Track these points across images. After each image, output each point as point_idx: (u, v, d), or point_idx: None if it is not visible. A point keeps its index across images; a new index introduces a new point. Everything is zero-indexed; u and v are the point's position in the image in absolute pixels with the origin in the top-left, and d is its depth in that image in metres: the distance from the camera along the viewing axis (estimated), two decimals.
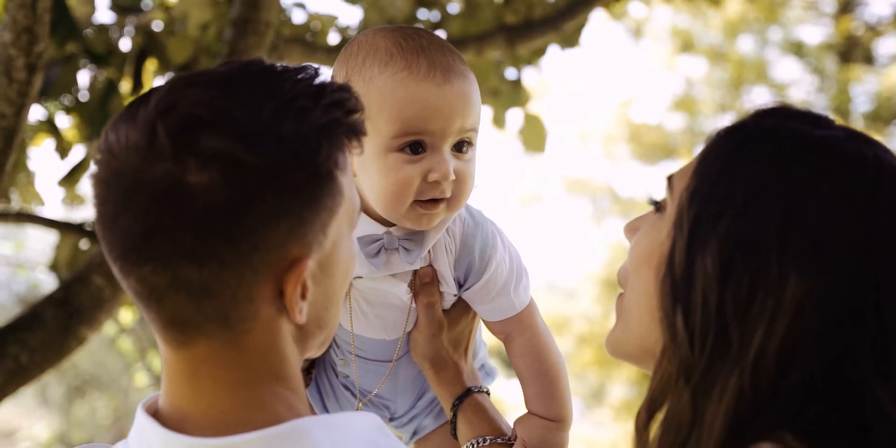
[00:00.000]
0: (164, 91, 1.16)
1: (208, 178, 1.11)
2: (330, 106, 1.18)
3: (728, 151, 1.26)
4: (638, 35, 14.26)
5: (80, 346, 3.47)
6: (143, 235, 1.13)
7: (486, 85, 4.46)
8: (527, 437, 1.72)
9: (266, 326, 1.19)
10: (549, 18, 4.28)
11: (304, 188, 1.16)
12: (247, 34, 3.39)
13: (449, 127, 1.57)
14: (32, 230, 11.17)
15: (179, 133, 1.12)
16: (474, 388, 1.76)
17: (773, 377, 1.16)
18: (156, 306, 1.17)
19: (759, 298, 1.17)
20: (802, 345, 1.16)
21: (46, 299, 3.49)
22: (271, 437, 1.15)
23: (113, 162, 1.15)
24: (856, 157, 1.22)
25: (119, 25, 4.45)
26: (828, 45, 13.33)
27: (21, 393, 3.32)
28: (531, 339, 1.76)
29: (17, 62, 2.60)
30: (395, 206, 1.59)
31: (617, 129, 14.54)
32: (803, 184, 1.19)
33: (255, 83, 1.17)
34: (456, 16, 4.57)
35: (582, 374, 14.06)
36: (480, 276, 1.70)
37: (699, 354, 1.19)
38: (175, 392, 1.21)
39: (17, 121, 2.69)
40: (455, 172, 1.58)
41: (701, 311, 1.19)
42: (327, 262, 1.22)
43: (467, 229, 1.70)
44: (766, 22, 13.37)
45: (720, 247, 1.20)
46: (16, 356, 3.33)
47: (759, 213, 1.19)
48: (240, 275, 1.14)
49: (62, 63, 4.18)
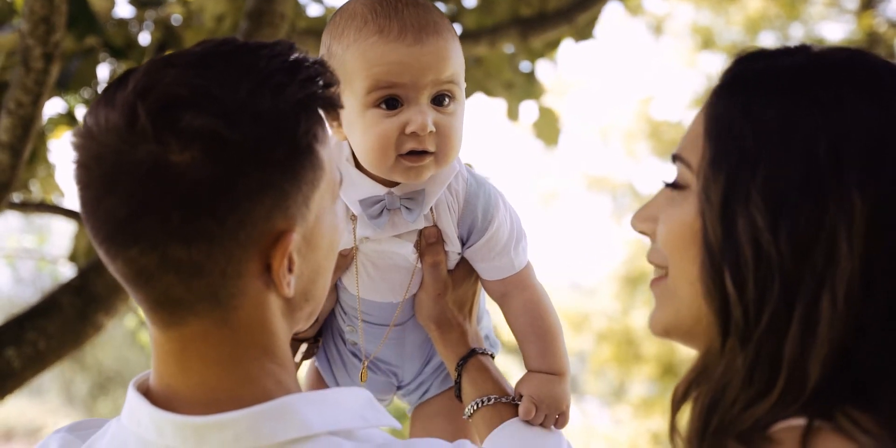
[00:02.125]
0: (142, 73, 1.17)
1: (191, 156, 1.12)
2: (306, 81, 1.20)
3: (735, 105, 1.23)
4: (658, 32, 14.22)
5: (97, 333, 3.53)
6: (128, 217, 1.14)
7: (500, 78, 4.48)
8: (532, 392, 1.74)
9: (254, 302, 1.20)
10: (562, 11, 4.30)
11: (286, 162, 1.17)
12: (262, 26, 3.43)
13: (420, 80, 1.60)
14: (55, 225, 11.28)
15: (160, 113, 1.13)
16: (479, 350, 1.79)
17: (864, 305, 1.13)
18: (144, 288, 1.18)
19: (828, 228, 1.14)
20: (883, 265, 1.13)
21: (64, 287, 3.55)
22: (260, 414, 1.17)
23: (93, 145, 1.15)
24: (867, 67, 1.21)
25: (138, 20, 4.50)
26: (849, 42, 13.25)
27: (46, 390, 3.36)
28: (530, 298, 1.79)
29: (34, 52, 2.65)
30: (380, 161, 1.63)
31: (637, 126, 14.51)
32: (833, 104, 1.17)
33: (231, 62, 1.18)
34: (472, 9, 4.59)
35: (601, 371, 14.05)
36: (483, 234, 1.74)
37: (757, 311, 1.16)
38: (164, 371, 1.22)
39: (35, 109, 2.75)
40: (436, 125, 1.62)
41: (754, 265, 1.16)
42: (312, 234, 1.23)
43: (470, 188, 1.73)
44: (787, 19, 13.31)
45: (765, 195, 1.16)
46: (34, 342, 3.38)
47: (801, 146, 1.16)
48: (228, 251, 1.15)
49: (82, 56, 4.23)
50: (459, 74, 1.67)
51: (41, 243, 7.48)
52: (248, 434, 1.16)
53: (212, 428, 1.16)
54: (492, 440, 1.72)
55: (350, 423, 1.22)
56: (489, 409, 1.74)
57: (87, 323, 3.49)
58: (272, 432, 1.16)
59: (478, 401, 1.75)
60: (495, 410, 1.74)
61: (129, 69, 1.20)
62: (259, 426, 1.16)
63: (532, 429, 1.73)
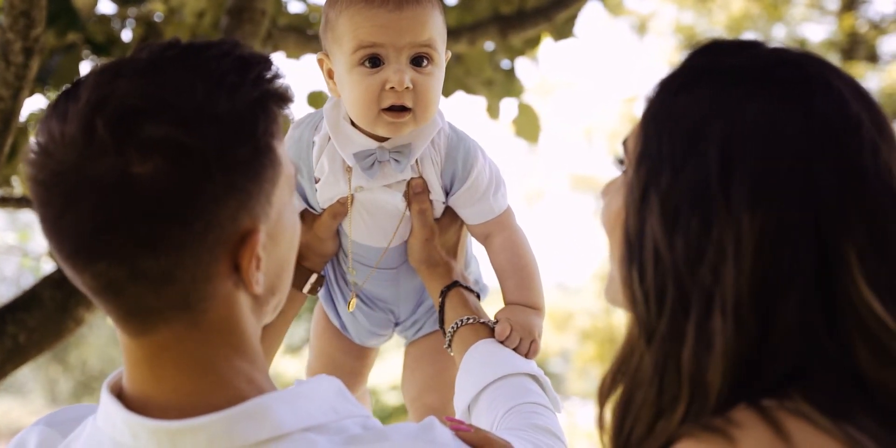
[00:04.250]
0: (92, 85, 1.15)
1: (153, 166, 1.11)
2: (257, 79, 1.20)
3: (664, 101, 1.21)
4: (642, 32, 14.30)
5: (77, 326, 3.53)
6: (93, 232, 1.13)
7: (480, 75, 4.51)
8: (509, 317, 1.92)
9: (224, 302, 1.20)
10: (541, 9, 4.33)
11: (249, 164, 1.17)
12: (242, 22, 3.46)
13: (398, 40, 1.79)
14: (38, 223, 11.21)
15: (118, 125, 1.12)
16: (462, 283, 1.98)
17: (757, 322, 1.10)
18: (113, 299, 1.17)
19: (716, 242, 1.11)
20: (775, 282, 1.11)
21: (44, 280, 3.54)
22: (233, 417, 1.17)
23: (49, 162, 1.13)
24: (785, 81, 1.16)
25: (120, 16, 4.51)
26: (830, 43, 13.35)
27: (30, 390, 3.37)
28: (510, 237, 2.00)
29: (14, 46, 2.66)
30: (364, 114, 1.83)
31: (621, 125, 14.56)
32: (736, 119, 1.14)
33: (181, 66, 1.17)
34: (452, 7, 4.62)
35: (585, 369, 14.09)
36: (464, 182, 1.94)
37: (657, 314, 1.15)
38: (137, 377, 1.22)
39: (15, 104, 2.76)
40: (414, 83, 1.81)
41: (653, 270, 1.15)
42: (275, 230, 1.24)
43: (451, 143, 1.94)
44: (769, 19, 13.40)
45: (662, 202, 1.15)
46: (14, 336, 3.38)
47: (696, 158, 1.14)
48: (197, 256, 1.15)
49: (64, 52, 4.24)
50: (437, 41, 1.84)
51: (24, 240, 7.46)
52: (222, 437, 1.17)
53: (186, 432, 1.17)
54: (468, 355, 1.85)
55: (322, 418, 1.23)
56: (467, 328, 1.91)
57: (68, 316, 3.49)
58: (246, 434, 1.17)
59: (457, 321, 1.91)
60: (472, 329, 1.91)
61: (75, 81, 1.18)
62: (233, 428, 1.17)
63: (506, 348, 1.87)
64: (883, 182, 1.14)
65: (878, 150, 1.14)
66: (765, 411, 1.07)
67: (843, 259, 1.11)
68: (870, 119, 1.16)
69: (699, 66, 1.22)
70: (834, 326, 1.11)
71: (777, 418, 1.05)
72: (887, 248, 1.13)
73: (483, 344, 1.87)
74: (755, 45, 1.24)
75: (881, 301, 1.11)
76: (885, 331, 1.10)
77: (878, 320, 1.10)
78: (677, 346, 1.13)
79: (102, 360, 16.33)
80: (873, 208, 1.13)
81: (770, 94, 1.15)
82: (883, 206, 1.13)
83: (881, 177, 1.14)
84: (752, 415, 1.07)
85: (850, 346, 1.11)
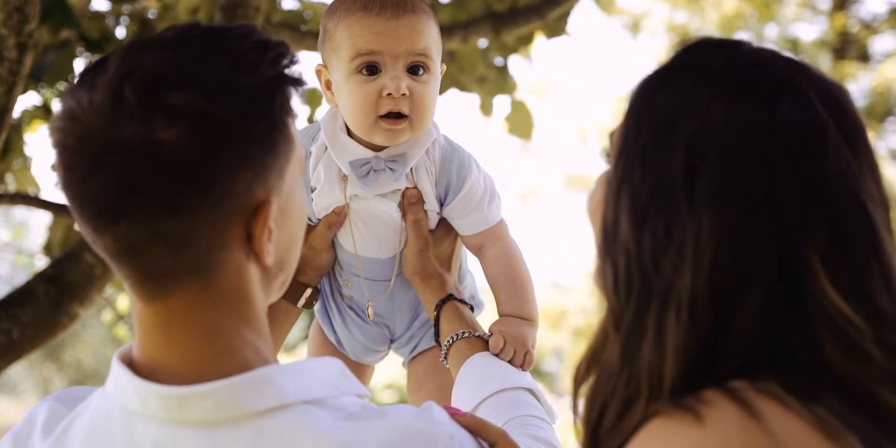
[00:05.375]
0: (120, 57, 1.22)
1: (177, 132, 1.17)
2: (274, 59, 1.26)
3: (640, 101, 1.24)
4: (635, 31, 14.33)
5: (71, 322, 3.54)
6: (117, 195, 1.18)
7: (473, 73, 4.53)
8: (502, 329, 1.94)
9: (235, 271, 1.26)
10: (533, 6, 4.35)
11: (265, 137, 1.24)
12: (236, 19, 3.46)
13: (395, 48, 1.83)
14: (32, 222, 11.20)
15: (145, 93, 1.17)
16: (457, 297, 1.99)
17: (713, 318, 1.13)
18: (132, 262, 1.23)
19: (677, 241, 1.14)
20: (733, 283, 1.13)
21: (38, 276, 3.55)
22: (239, 384, 1.22)
23: (77, 127, 1.19)
24: (753, 83, 1.18)
25: (114, 13, 4.52)
26: (822, 42, 13.40)
27: (23, 390, 3.37)
28: (503, 248, 2.01)
29: (8, 41, 2.67)
30: (361, 121, 1.86)
31: (615, 124, 14.56)
32: (703, 119, 1.16)
33: (204, 43, 1.24)
34: (446, 5, 4.64)
35: None
36: (458, 193, 1.96)
37: (625, 303, 1.18)
38: (148, 343, 1.27)
39: (9, 99, 2.77)
40: (410, 90, 1.84)
41: (624, 263, 1.18)
42: (286, 205, 1.30)
43: (445, 154, 1.96)
44: (761, 19, 13.44)
45: (632, 198, 1.17)
46: (8, 331, 3.39)
47: (665, 156, 1.16)
48: (212, 222, 1.21)
49: (58, 49, 4.25)
50: (433, 50, 1.88)
51: (17, 238, 7.48)
52: (228, 403, 1.21)
53: (194, 398, 1.21)
54: (464, 369, 1.87)
55: (323, 392, 1.27)
56: (463, 342, 1.93)
57: (62, 312, 3.50)
58: (250, 402, 1.22)
59: (452, 336, 1.93)
60: (468, 343, 1.93)
61: (103, 56, 1.25)
62: (238, 396, 1.22)
63: (501, 361, 1.89)
64: (846, 187, 1.15)
65: (841, 155, 1.16)
66: (734, 392, 1.08)
67: (806, 261, 1.13)
68: (838, 125, 1.17)
69: (681, 64, 1.24)
70: (801, 324, 1.13)
71: (747, 398, 1.07)
72: (849, 250, 1.14)
73: (478, 358, 1.89)
74: (738, 44, 1.25)
75: (846, 300, 1.12)
76: (854, 329, 1.12)
77: (845, 319, 1.12)
78: (640, 338, 1.16)
79: (96, 359, 16.30)
80: (836, 212, 1.14)
81: (737, 96, 1.17)
82: (845, 210, 1.15)
83: (845, 181, 1.15)
84: (721, 395, 1.08)
85: (817, 343, 1.13)
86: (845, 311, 1.12)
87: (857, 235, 1.15)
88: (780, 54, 1.24)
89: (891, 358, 1.12)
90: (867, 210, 1.16)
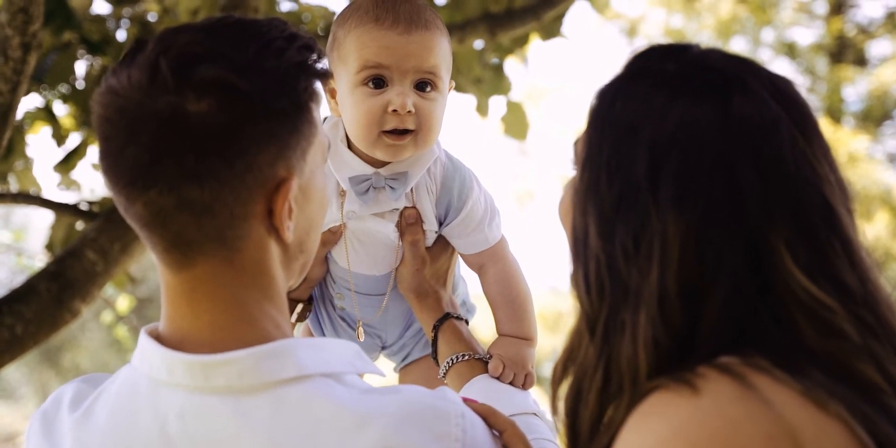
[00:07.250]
0: (157, 39, 1.31)
1: (206, 105, 1.25)
2: (302, 48, 1.34)
3: (598, 111, 1.28)
4: (632, 35, 14.37)
5: (73, 318, 3.58)
6: (150, 162, 1.26)
7: (469, 74, 4.57)
8: (501, 352, 1.93)
9: (257, 245, 1.32)
10: (529, 7, 4.40)
11: (287, 115, 1.31)
12: None
13: (403, 64, 1.79)
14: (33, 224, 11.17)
15: (179, 67, 1.26)
16: (453, 314, 1.98)
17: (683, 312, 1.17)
18: (160, 229, 1.29)
19: (646, 243, 1.18)
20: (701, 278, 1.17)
21: (41, 273, 3.60)
22: (262, 354, 1.28)
23: (116, 100, 1.27)
24: (704, 85, 1.23)
25: (115, 16, 4.57)
26: (819, 46, 13.45)
27: (22, 395, 3.39)
28: (503, 269, 2.00)
29: (12, 41, 2.72)
30: (364, 135, 1.82)
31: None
32: (661, 124, 1.21)
33: (236, 29, 1.33)
34: (442, 6, 4.68)
35: None
36: (458, 213, 1.93)
37: (599, 306, 1.22)
38: (175, 314, 1.33)
39: (13, 98, 2.81)
40: (417, 108, 1.80)
41: (595, 267, 1.22)
42: (307, 186, 1.37)
43: (447, 172, 1.93)
44: (758, 23, 13.48)
45: (599, 206, 1.22)
46: (11, 327, 3.43)
47: (628, 164, 1.21)
48: (236, 193, 1.28)
49: (59, 51, 4.30)
50: (442, 68, 1.84)
51: (18, 240, 7.51)
52: (251, 371, 1.28)
53: (219, 365, 1.28)
54: (464, 392, 1.87)
55: (340, 368, 1.34)
56: (462, 364, 1.92)
57: (64, 308, 3.55)
58: (272, 371, 1.28)
59: (452, 357, 1.92)
60: (468, 366, 1.92)
61: (140, 38, 1.33)
62: (261, 364, 1.28)
63: (502, 383, 1.89)
64: (802, 172, 1.21)
65: (796, 143, 1.22)
66: (726, 366, 1.14)
67: (773, 249, 1.19)
68: (789, 116, 1.23)
69: (636, 72, 1.29)
70: (775, 308, 1.18)
71: (740, 371, 1.13)
72: (811, 233, 1.20)
73: (479, 381, 1.90)
74: (687, 48, 1.31)
75: (813, 281, 1.18)
76: (824, 308, 1.18)
77: (815, 299, 1.18)
78: (616, 338, 1.21)
79: (95, 364, 16.28)
80: (795, 198, 1.20)
81: (691, 98, 1.22)
82: (804, 195, 1.20)
83: (801, 169, 1.21)
84: (714, 369, 1.14)
85: (793, 325, 1.18)
86: (813, 292, 1.17)
87: (817, 218, 1.20)
88: (729, 55, 1.29)
89: (864, 333, 1.18)
90: (824, 194, 1.21)
